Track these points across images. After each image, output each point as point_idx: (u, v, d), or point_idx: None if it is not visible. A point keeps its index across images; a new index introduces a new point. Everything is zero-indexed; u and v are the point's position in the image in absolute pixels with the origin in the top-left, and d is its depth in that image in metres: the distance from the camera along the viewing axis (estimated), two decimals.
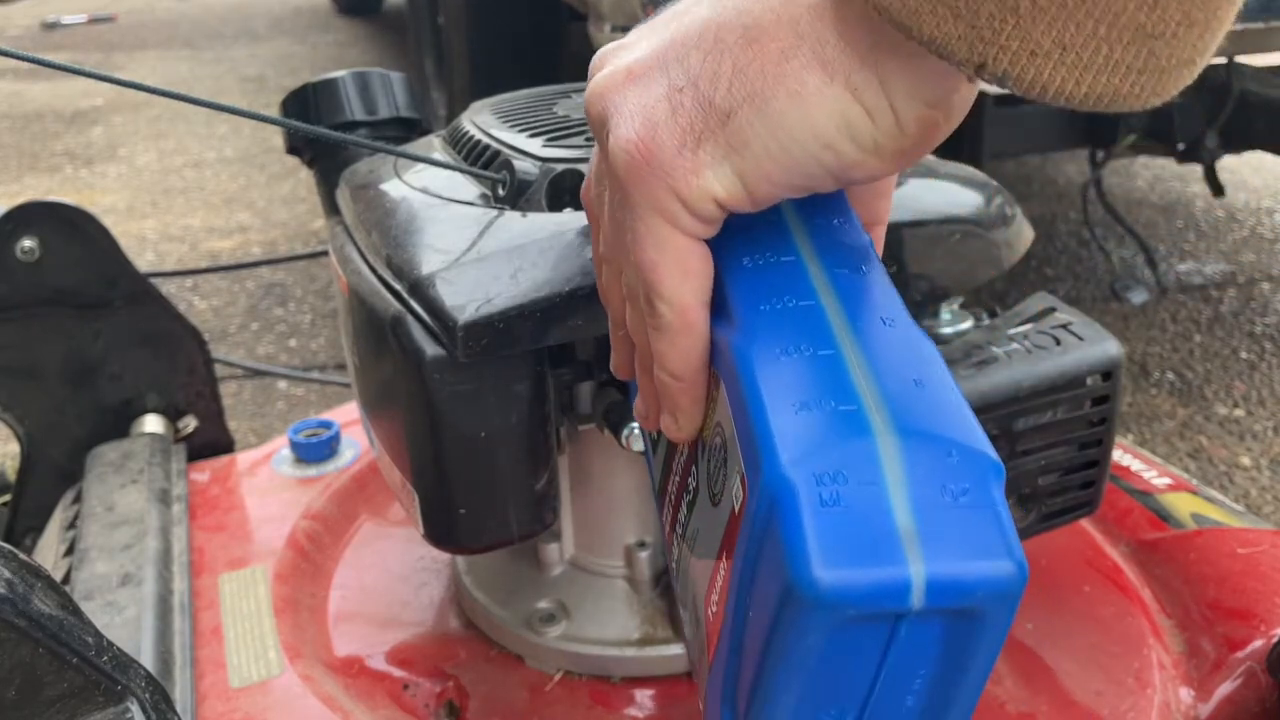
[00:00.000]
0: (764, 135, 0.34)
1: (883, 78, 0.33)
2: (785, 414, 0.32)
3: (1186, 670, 0.64)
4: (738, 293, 0.38)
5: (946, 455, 0.31)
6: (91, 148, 3.83)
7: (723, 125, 0.35)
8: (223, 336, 2.26)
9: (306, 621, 0.71)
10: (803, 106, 0.34)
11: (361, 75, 0.78)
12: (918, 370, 0.34)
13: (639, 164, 0.36)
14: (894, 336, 0.35)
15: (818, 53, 0.34)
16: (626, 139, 0.37)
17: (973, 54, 0.30)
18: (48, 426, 0.90)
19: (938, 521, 0.30)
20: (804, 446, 0.31)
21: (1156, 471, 0.81)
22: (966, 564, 0.30)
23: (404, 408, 0.53)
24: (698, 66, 0.36)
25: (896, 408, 0.32)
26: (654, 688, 0.65)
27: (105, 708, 0.42)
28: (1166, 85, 0.31)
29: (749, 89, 0.34)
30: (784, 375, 0.33)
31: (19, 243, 0.85)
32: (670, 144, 0.36)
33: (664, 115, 0.36)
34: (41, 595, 0.41)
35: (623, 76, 0.38)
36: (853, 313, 0.36)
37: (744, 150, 0.35)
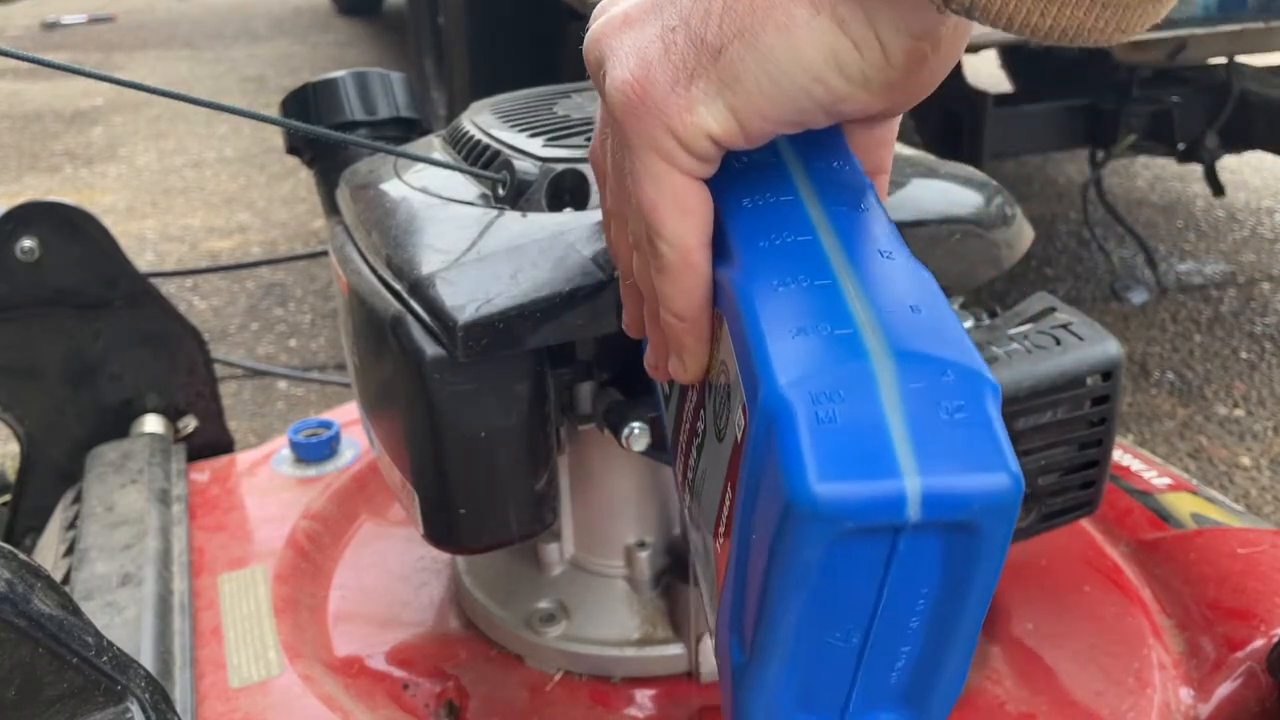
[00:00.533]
0: (754, 69, 0.35)
1: (867, 9, 0.34)
2: (782, 340, 0.32)
3: (1186, 670, 0.64)
4: (737, 232, 0.38)
5: (942, 374, 0.31)
6: (91, 148, 3.83)
7: (714, 61, 0.35)
8: (223, 336, 2.26)
9: (306, 621, 0.71)
10: (791, 39, 0.34)
11: (361, 75, 0.78)
12: (915, 297, 0.34)
13: (634, 103, 0.37)
14: (891, 268, 0.36)
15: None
16: (622, 79, 0.37)
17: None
18: (48, 426, 0.90)
19: (933, 436, 0.30)
20: (800, 368, 0.31)
21: (1156, 471, 0.81)
22: (962, 476, 0.30)
23: (404, 408, 0.53)
24: (689, 5, 0.36)
25: (892, 331, 0.32)
26: (654, 688, 0.65)
27: (105, 708, 0.42)
28: (1131, 21, 0.31)
29: (738, 24, 0.35)
30: (782, 305, 0.34)
31: (19, 243, 0.85)
32: (664, 81, 0.36)
33: (657, 54, 0.37)
34: (41, 595, 0.41)
35: (619, 21, 0.39)
36: (850, 246, 0.36)
37: (735, 85, 0.35)
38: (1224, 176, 2.31)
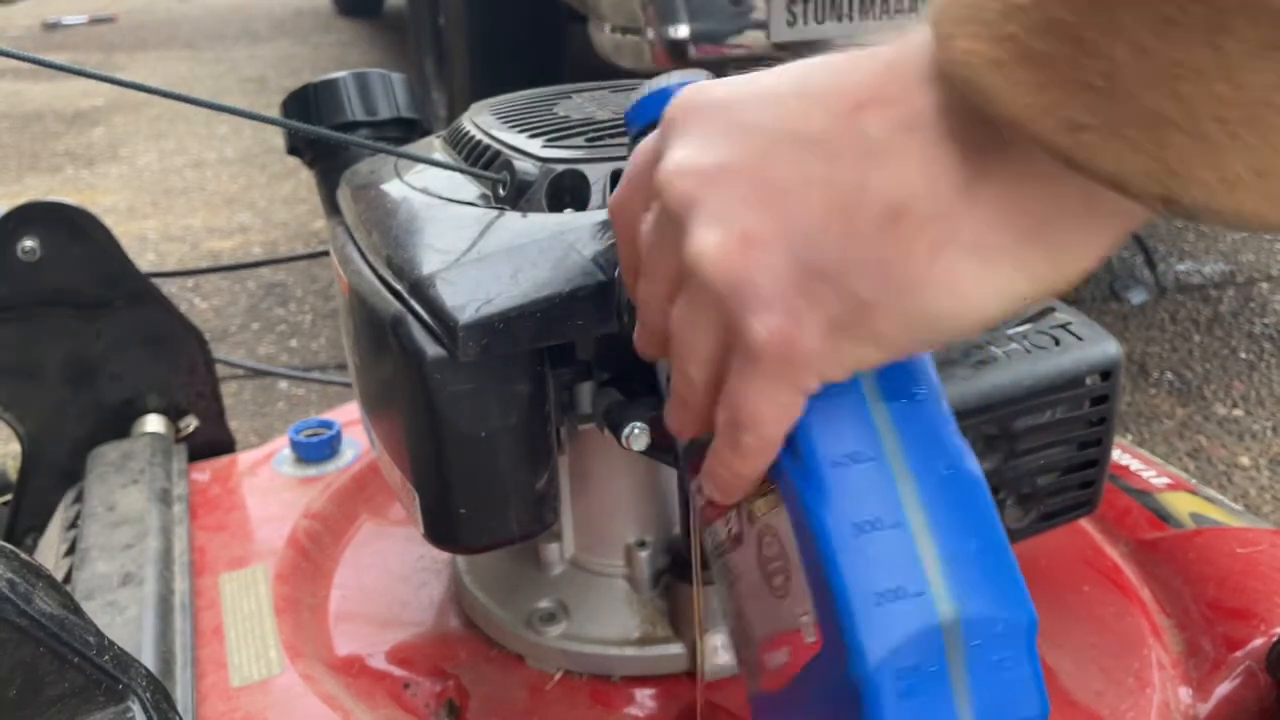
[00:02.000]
0: (914, 325, 0.34)
1: (1054, 249, 0.32)
2: (868, 606, 0.36)
3: (1186, 670, 0.64)
4: (804, 429, 0.39)
5: (997, 632, 0.37)
6: (92, 148, 3.84)
7: (869, 317, 0.34)
8: (224, 336, 2.27)
9: (307, 621, 0.71)
10: (961, 299, 0.33)
11: (362, 76, 0.78)
12: (973, 530, 0.38)
13: (782, 352, 0.36)
14: (951, 489, 0.38)
15: (976, 242, 0.32)
16: (772, 327, 0.35)
17: (1159, 188, 0.28)
18: (49, 426, 0.90)
19: (988, 693, 0.37)
20: (886, 643, 0.36)
21: (1155, 471, 0.81)
22: (1009, 717, 0.37)
23: (404, 408, 0.54)
24: (833, 255, 0.34)
25: (956, 583, 0.37)
26: (654, 687, 0.65)
27: (106, 707, 0.42)
28: None
29: (895, 283, 0.33)
30: (862, 559, 0.37)
31: (20, 243, 0.85)
32: (814, 335, 0.35)
33: (804, 306, 0.35)
34: (43, 595, 0.41)
35: (739, 245, 0.35)
36: (914, 463, 0.38)
37: (891, 338, 0.34)
38: None
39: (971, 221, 0.32)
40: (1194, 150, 0.27)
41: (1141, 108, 0.27)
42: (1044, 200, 0.31)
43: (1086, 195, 0.31)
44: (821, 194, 0.34)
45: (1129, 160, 0.28)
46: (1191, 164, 0.27)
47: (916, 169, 0.32)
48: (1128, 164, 0.28)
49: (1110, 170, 0.28)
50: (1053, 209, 0.31)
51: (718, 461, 0.41)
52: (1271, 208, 0.28)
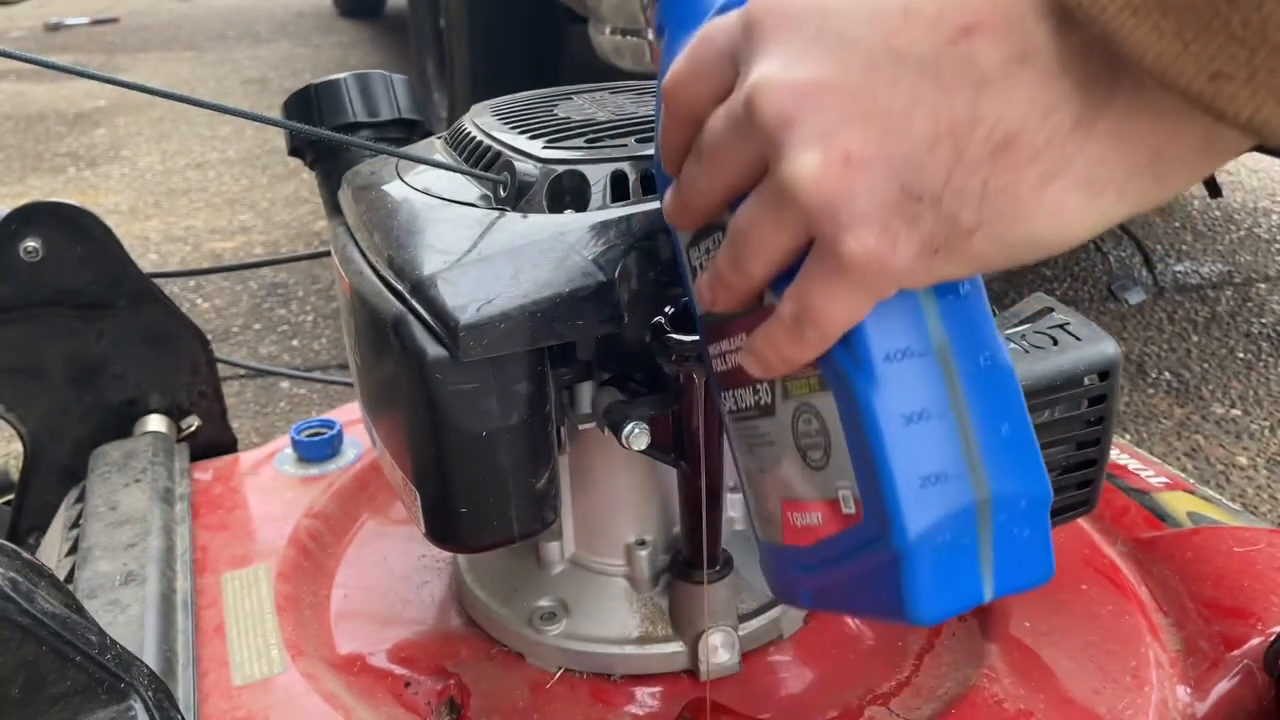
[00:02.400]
0: (1011, 248, 0.34)
1: (1162, 176, 0.32)
2: (913, 488, 0.40)
3: (1183, 668, 0.64)
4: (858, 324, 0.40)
5: (1020, 504, 0.41)
6: (95, 149, 3.84)
7: (965, 240, 0.34)
8: (225, 336, 2.27)
9: (309, 620, 0.71)
10: (1063, 225, 0.33)
11: (363, 77, 0.78)
12: (1005, 415, 0.41)
13: (874, 268, 0.35)
14: (988, 379, 0.41)
15: (1087, 175, 0.32)
16: (866, 245, 0.35)
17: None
18: (51, 426, 0.90)
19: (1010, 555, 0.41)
20: (925, 520, 0.40)
21: (1154, 471, 0.81)
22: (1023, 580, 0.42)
23: (405, 407, 0.54)
24: (939, 179, 0.33)
25: (992, 468, 0.40)
26: (654, 685, 0.65)
27: (108, 705, 0.42)
28: None
29: (1000, 210, 0.33)
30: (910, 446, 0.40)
31: (22, 243, 0.85)
32: (908, 254, 0.35)
33: (902, 225, 0.34)
34: (45, 594, 0.41)
35: (840, 165, 0.35)
36: (960, 356, 0.41)
37: (985, 259, 0.35)
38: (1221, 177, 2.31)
39: (1084, 155, 0.32)
40: None
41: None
42: (1160, 136, 0.31)
43: (1207, 132, 0.31)
44: (929, 117, 0.33)
45: (1269, 109, 0.28)
46: None
47: (1030, 100, 0.32)
48: (1268, 111, 0.28)
49: (1249, 118, 0.28)
50: (1168, 144, 0.31)
51: (769, 345, 0.41)
52: None
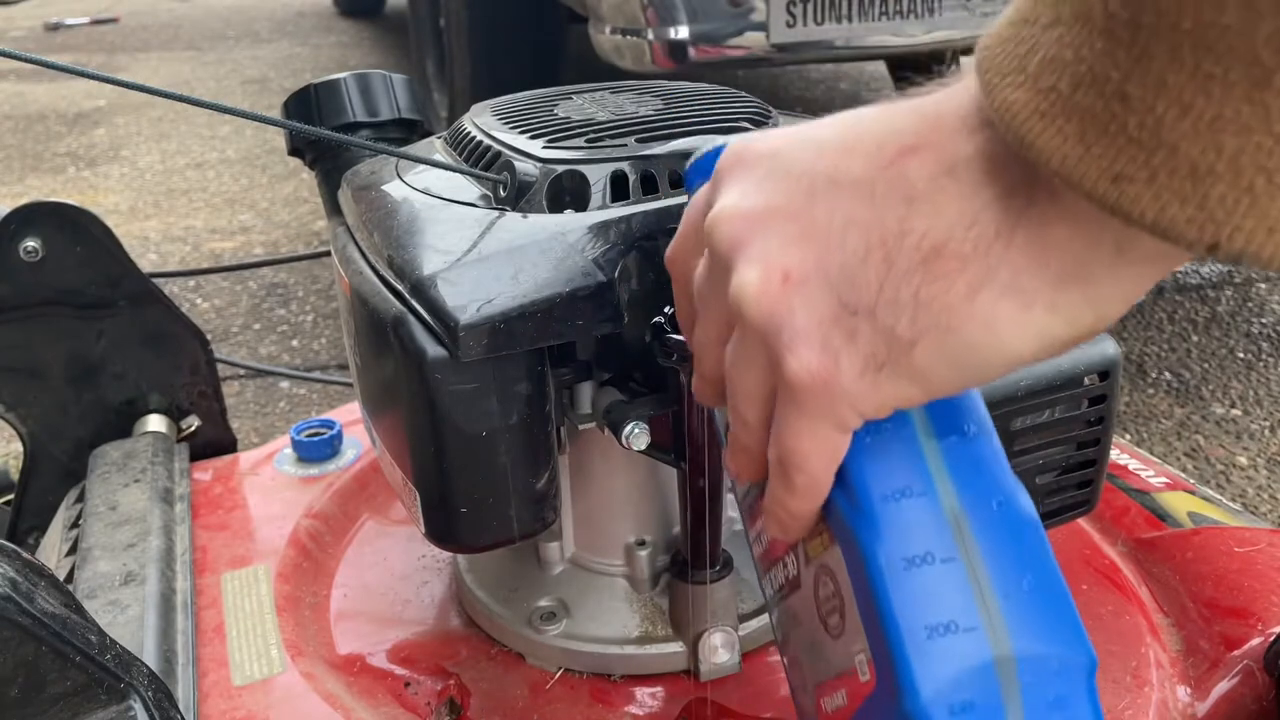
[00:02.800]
0: (952, 363, 0.34)
1: (1090, 293, 0.32)
2: (919, 640, 0.36)
3: (1184, 668, 0.64)
4: (856, 468, 0.39)
5: (1055, 672, 0.37)
6: (94, 149, 3.84)
7: (906, 354, 0.34)
8: (225, 336, 2.27)
9: (308, 620, 0.71)
10: (997, 337, 0.33)
11: (363, 77, 0.78)
12: (1027, 566, 0.38)
13: (819, 388, 0.36)
14: (1004, 524, 0.39)
15: (1013, 284, 0.32)
16: (810, 365, 0.36)
17: (1203, 235, 0.28)
18: (51, 426, 0.90)
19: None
20: (939, 678, 0.36)
21: (1154, 471, 0.81)
22: None
23: (405, 407, 0.54)
24: (872, 292, 0.34)
25: (1013, 621, 0.37)
26: (654, 685, 0.65)
27: (108, 706, 0.42)
28: None
29: (934, 321, 0.33)
30: (914, 592, 0.37)
31: (22, 243, 0.85)
32: (851, 372, 0.35)
33: (841, 341, 0.35)
34: (45, 594, 0.41)
35: (779, 282, 0.36)
36: (966, 499, 0.38)
37: (929, 374, 0.35)
38: None
39: (1007, 264, 0.32)
40: (1238, 200, 0.28)
41: (1185, 160, 0.28)
42: (1079, 245, 0.32)
43: (1121, 240, 0.31)
44: (862, 234, 0.35)
45: (1173, 210, 0.28)
46: (1235, 213, 0.28)
47: (956, 211, 0.33)
48: (1171, 213, 0.28)
49: (1154, 219, 0.29)
50: (1088, 254, 0.32)
51: (773, 500, 0.42)
52: None
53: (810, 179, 0.37)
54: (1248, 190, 0.28)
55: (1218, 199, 0.28)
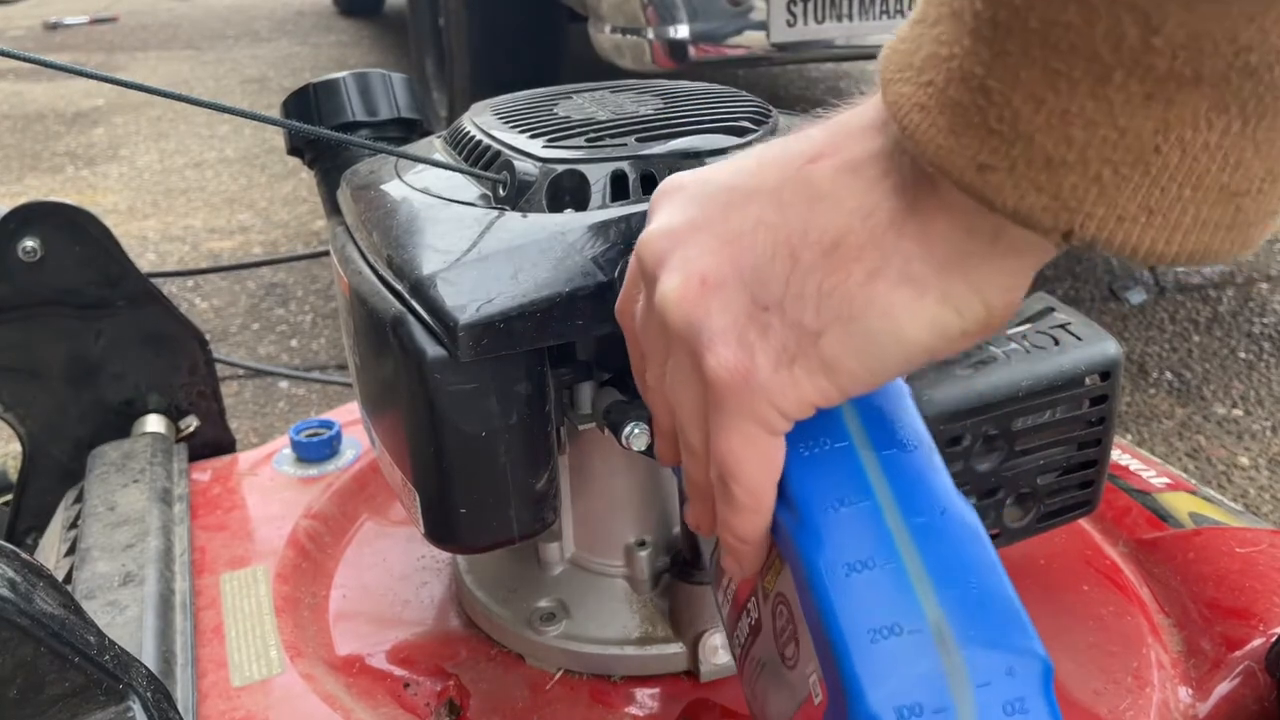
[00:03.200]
0: (858, 351, 0.36)
1: (973, 280, 0.34)
2: (863, 644, 0.36)
3: (1185, 669, 0.64)
4: (796, 482, 0.40)
5: (1007, 671, 0.35)
6: (93, 148, 3.84)
7: (814, 344, 0.36)
8: (224, 336, 2.27)
9: (308, 620, 0.71)
10: (894, 324, 0.35)
11: (362, 76, 0.78)
12: (972, 569, 0.37)
13: (738, 384, 0.37)
14: (946, 530, 0.38)
15: (905, 271, 0.34)
16: (726, 362, 0.38)
17: (1058, 222, 0.30)
18: (49, 426, 0.90)
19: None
20: (885, 685, 0.35)
21: (1155, 471, 0.81)
22: None
23: (405, 407, 0.54)
24: (780, 288, 0.36)
25: (958, 620, 0.36)
26: (654, 686, 0.65)
27: (107, 706, 0.42)
28: (1256, 236, 0.31)
29: (837, 311, 0.35)
30: (856, 597, 0.37)
31: (21, 243, 0.85)
32: (766, 366, 0.37)
33: (755, 337, 0.37)
34: (43, 594, 0.41)
35: (698, 288, 0.38)
36: (907, 507, 0.39)
37: (837, 365, 0.36)
38: None
39: (899, 252, 0.34)
40: (1088, 189, 0.30)
41: (1040, 151, 0.30)
42: (960, 233, 0.34)
43: (995, 230, 0.33)
44: (770, 234, 0.37)
45: (1031, 198, 0.30)
46: (1086, 202, 0.30)
47: (855, 204, 0.35)
48: (1030, 201, 0.30)
49: (1014, 207, 0.31)
50: (968, 242, 0.34)
51: (722, 526, 0.42)
52: (1163, 242, 0.30)
53: (728, 193, 0.39)
54: (1096, 180, 0.30)
55: (1070, 188, 0.30)
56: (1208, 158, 0.29)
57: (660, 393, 0.44)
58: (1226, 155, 0.29)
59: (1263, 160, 0.30)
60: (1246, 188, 0.30)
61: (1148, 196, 0.30)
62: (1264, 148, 0.29)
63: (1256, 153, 0.29)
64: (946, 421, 0.57)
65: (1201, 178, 0.29)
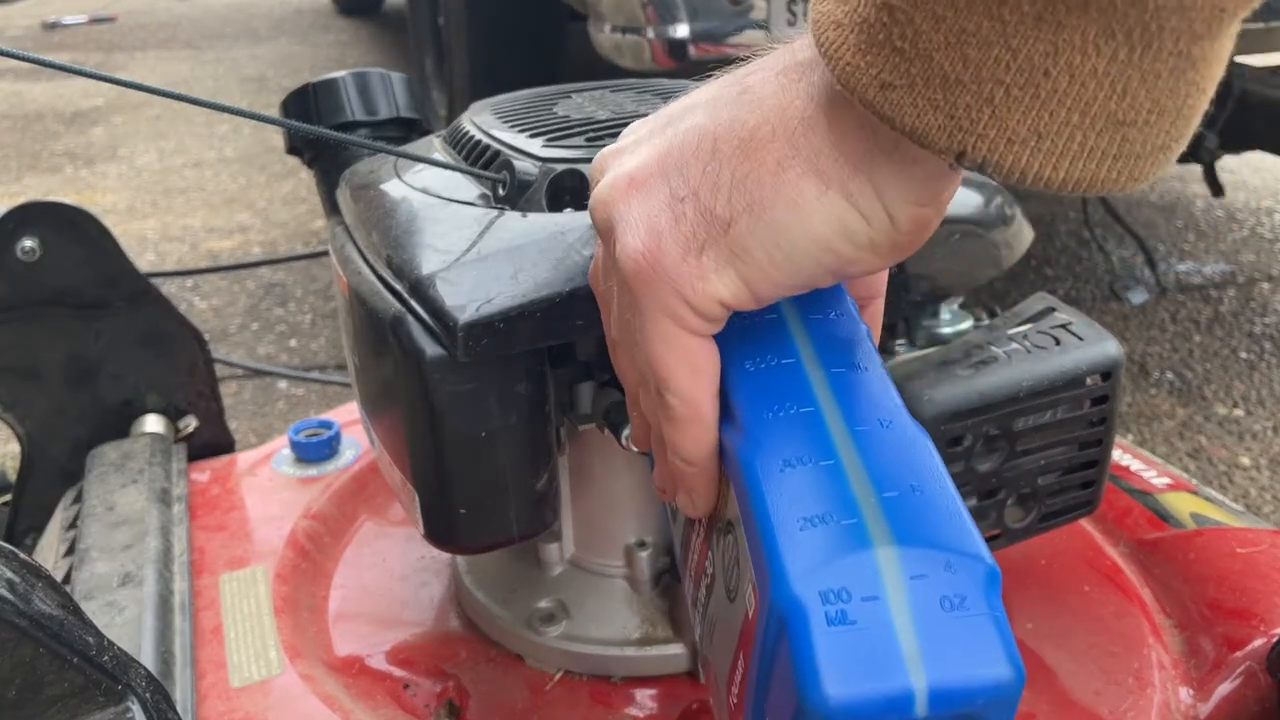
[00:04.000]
0: (765, 242, 0.36)
1: (876, 183, 0.35)
2: (791, 531, 0.34)
3: (1186, 670, 0.64)
4: (741, 397, 0.39)
5: (944, 566, 0.33)
6: (92, 148, 3.83)
7: (724, 233, 0.37)
8: (223, 336, 2.26)
9: (307, 621, 0.71)
10: (800, 215, 0.35)
11: (362, 75, 0.78)
12: (914, 475, 0.36)
13: (645, 271, 0.38)
14: (891, 438, 0.37)
15: (812, 163, 0.35)
16: (633, 248, 0.38)
17: (952, 142, 0.31)
18: (48, 426, 0.90)
19: (937, 631, 0.32)
20: (809, 566, 0.32)
21: (1156, 471, 0.81)
22: (966, 672, 0.31)
23: (404, 407, 0.54)
24: (697, 177, 0.37)
25: (895, 518, 0.34)
26: (654, 687, 0.65)
27: (106, 707, 0.42)
28: (1143, 170, 0.32)
29: (748, 199, 0.36)
30: (788, 489, 0.35)
31: (19, 243, 0.85)
32: (674, 252, 0.37)
33: (667, 224, 0.38)
34: (42, 595, 0.41)
35: (625, 185, 0.40)
36: (850, 416, 0.37)
37: (745, 256, 0.37)
38: (1223, 177, 2.31)
39: (810, 145, 0.35)
40: (980, 109, 0.31)
41: (938, 70, 0.31)
42: (865, 136, 0.34)
43: (896, 138, 0.34)
44: (698, 133, 0.38)
45: (928, 117, 0.31)
46: (979, 122, 0.31)
47: (775, 102, 0.36)
48: (926, 120, 0.31)
49: (912, 125, 0.32)
50: (872, 145, 0.34)
51: (669, 451, 0.42)
52: (1050, 167, 0.31)
53: (671, 112, 0.41)
54: (989, 101, 0.30)
55: (964, 108, 0.31)
56: (1095, 84, 0.30)
57: (619, 345, 0.44)
58: (1114, 83, 0.30)
59: (1149, 91, 0.30)
60: (1133, 118, 0.30)
61: (1037, 120, 0.30)
62: (1150, 78, 0.30)
63: (1143, 82, 0.30)
64: (947, 421, 0.57)
65: (1089, 104, 0.30)
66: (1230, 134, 2.06)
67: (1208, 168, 2.14)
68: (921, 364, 0.59)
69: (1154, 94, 0.30)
